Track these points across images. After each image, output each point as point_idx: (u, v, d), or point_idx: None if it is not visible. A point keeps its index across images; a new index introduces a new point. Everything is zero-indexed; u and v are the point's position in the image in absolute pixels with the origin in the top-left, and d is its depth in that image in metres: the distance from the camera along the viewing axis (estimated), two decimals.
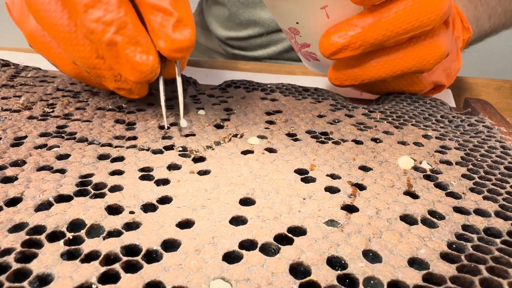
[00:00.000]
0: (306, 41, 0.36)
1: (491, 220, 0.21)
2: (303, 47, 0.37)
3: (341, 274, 0.17)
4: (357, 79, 0.35)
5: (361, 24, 0.31)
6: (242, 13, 0.65)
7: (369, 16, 0.31)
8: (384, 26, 0.30)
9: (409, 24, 0.30)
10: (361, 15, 0.31)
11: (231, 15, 0.66)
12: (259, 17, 0.64)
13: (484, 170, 0.26)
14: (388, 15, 0.30)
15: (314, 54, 0.37)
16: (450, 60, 0.38)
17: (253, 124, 0.32)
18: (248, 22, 0.66)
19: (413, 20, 0.30)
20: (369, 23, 0.30)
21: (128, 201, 0.22)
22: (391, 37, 0.31)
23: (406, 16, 0.30)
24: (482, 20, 0.47)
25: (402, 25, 0.30)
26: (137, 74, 0.27)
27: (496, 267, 0.18)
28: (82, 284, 0.16)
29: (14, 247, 0.18)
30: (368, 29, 0.31)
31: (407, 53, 0.33)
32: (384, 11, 0.30)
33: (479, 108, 0.36)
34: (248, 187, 0.23)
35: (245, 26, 0.67)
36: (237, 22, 0.66)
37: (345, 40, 0.31)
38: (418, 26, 0.30)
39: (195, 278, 0.17)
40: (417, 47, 0.32)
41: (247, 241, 0.19)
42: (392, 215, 0.21)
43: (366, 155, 0.27)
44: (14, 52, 0.56)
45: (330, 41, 0.32)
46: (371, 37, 0.31)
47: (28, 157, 0.25)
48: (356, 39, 0.31)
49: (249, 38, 0.67)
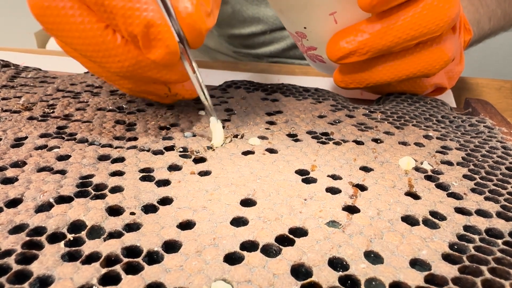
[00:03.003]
0: (312, 45, 0.36)
1: (492, 221, 0.21)
2: (309, 49, 0.37)
3: (343, 275, 0.17)
4: (363, 83, 0.35)
5: (369, 30, 0.31)
6: (246, 10, 0.65)
7: (377, 22, 0.30)
8: (393, 33, 0.30)
9: (417, 31, 0.30)
10: (369, 21, 0.31)
11: (234, 12, 0.66)
12: (263, 14, 0.64)
13: (485, 171, 0.26)
14: (397, 22, 0.30)
15: (321, 56, 0.37)
16: (453, 64, 0.38)
17: (254, 124, 0.32)
18: (251, 19, 0.65)
19: (422, 26, 0.30)
20: (377, 29, 0.30)
21: (128, 202, 0.21)
22: (399, 43, 0.30)
23: (415, 22, 0.29)
24: (482, 23, 0.47)
25: (411, 32, 0.30)
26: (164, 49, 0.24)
27: (498, 268, 0.18)
28: (83, 285, 0.16)
29: (15, 249, 0.18)
30: (376, 35, 0.30)
31: (413, 59, 0.32)
32: (393, 17, 0.30)
33: (480, 108, 0.36)
34: (249, 188, 0.23)
35: (248, 23, 0.66)
36: (241, 19, 0.66)
37: (353, 46, 0.31)
38: (427, 33, 0.30)
39: (196, 280, 0.17)
40: (423, 52, 0.32)
41: (248, 242, 0.19)
42: (393, 215, 0.21)
43: (367, 156, 0.27)
44: (14, 52, 0.56)
45: (338, 46, 0.32)
46: (379, 43, 0.31)
47: (29, 158, 0.25)
48: (364, 45, 0.31)
49: (252, 35, 0.67)
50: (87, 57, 0.26)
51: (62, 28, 0.25)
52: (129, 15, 0.23)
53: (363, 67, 0.34)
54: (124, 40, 0.25)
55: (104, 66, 0.26)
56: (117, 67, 0.25)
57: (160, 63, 0.25)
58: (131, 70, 0.26)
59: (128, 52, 0.25)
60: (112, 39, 0.24)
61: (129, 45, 0.25)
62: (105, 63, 0.25)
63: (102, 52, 0.25)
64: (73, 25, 0.24)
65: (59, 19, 0.24)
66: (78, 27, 0.24)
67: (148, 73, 0.26)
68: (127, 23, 0.23)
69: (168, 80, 0.27)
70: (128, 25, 0.23)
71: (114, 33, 0.24)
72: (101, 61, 0.25)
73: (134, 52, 0.25)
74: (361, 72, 0.34)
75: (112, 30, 0.24)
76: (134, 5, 0.23)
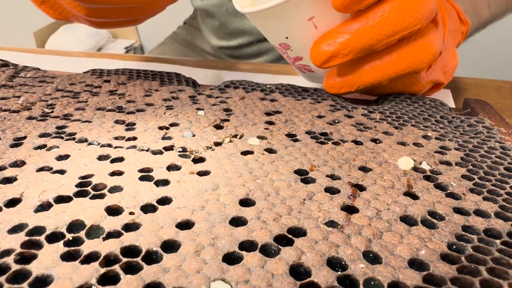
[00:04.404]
0: (298, 55, 0.36)
1: (491, 221, 0.21)
2: (296, 60, 0.37)
3: (342, 275, 0.17)
4: (353, 86, 0.35)
5: (348, 30, 0.31)
6: (231, 23, 0.67)
7: (355, 21, 0.31)
8: (372, 30, 0.30)
9: (396, 26, 0.30)
10: (347, 22, 0.31)
11: (221, 25, 0.68)
12: (248, 26, 0.66)
13: (484, 171, 0.26)
14: (375, 19, 0.30)
15: (308, 66, 0.37)
16: (447, 57, 0.38)
17: (253, 124, 0.32)
18: (237, 31, 0.67)
19: (400, 21, 0.30)
20: (356, 28, 0.31)
21: (127, 202, 0.22)
22: (379, 40, 0.31)
23: (392, 18, 0.30)
24: (481, 10, 0.47)
25: (390, 27, 0.30)
26: None
27: (496, 268, 0.18)
28: (82, 285, 0.16)
29: (14, 248, 0.18)
30: (356, 34, 0.31)
31: (399, 55, 0.33)
32: (370, 15, 0.30)
33: (479, 108, 0.36)
34: (248, 188, 0.23)
35: (235, 35, 0.68)
36: (227, 31, 0.68)
37: (334, 48, 0.31)
38: (406, 27, 0.30)
39: (195, 279, 0.17)
40: (408, 48, 0.32)
41: (247, 242, 0.19)
42: (392, 216, 0.21)
43: (366, 156, 0.27)
44: (13, 52, 0.56)
45: (320, 50, 0.32)
46: (360, 42, 0.31)
47: (28, 158, 0.25)
48: (345, 46, 0.31)
49: (240, 47, 0.69)
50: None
51: None
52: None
53: (350, 69, 0.34)
54: None
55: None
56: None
57: None
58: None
59: None
60: None
61: None
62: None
63: None
64: None
65: None
66: None
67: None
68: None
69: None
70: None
71: None
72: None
73: None
74: (349, 75, 0.34)
75: None
76: None
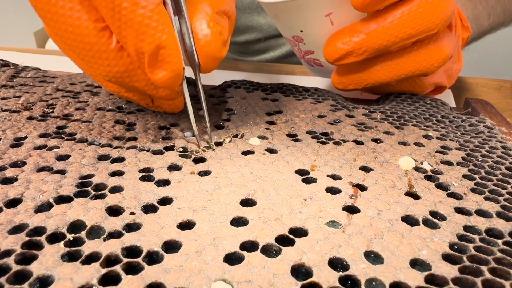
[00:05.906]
0: (310, 48, 0.36)
1: (492, 221, 0.21)
2: (306, 54, 0.37)
3: (343, 276, 0.17)
4: (361, 84, 0.35)
5: (365, 30, 0.31)
6: (239, 18, 0.66)
7: (373, 22, 0.30)
8: (389, 32, 0.30)
9: (413, 29, 0.30)
10: (365, 21, 0.31)
11: None
12: (256, 22, 0.65)
13: (485, 171, 0.26)
14: (393, 21, 0.30)
15: (318, 60, 0.37)
16: (451, 62, 0.38)
17: (254, 124, 0.32)
18: (245, 27, 0.66)
19: (418, 24, 0.30)
20: (373, 29, 0.30)
21: (128, 202, 0.21)
22: (395, 42, 0.30)
23: (410, 21, 0.29)
24: (481, 19, 0.47)
25: (407, 30, 0.30)
26: (169, 73, 0.24)
27: (498, 268, 0.18)
28: (82, 285, 0.16)
29: (14, 249, 0.18)
30: (372, 35, 0.30)
31: (411, 57, 0.32)
32: (388, 16, 0.30)
33: (480, 108, 0.36)
34: (249, 188, 0.23)
35: (242, 31, 0.67)
36: (235, 27, 0.67)
37: (349, 47, 0.31)
38: (423, 31, 0.30)
39: (196, 280, 0.17)
40: (421, 51, 0.32)
41: (248, 242, 0.19)
42: (393, 216, 0.21)
43: (367, 156, 0.27)
44: (13, 52, 0.56)
45: (334, 47, 0.32)
46: (375, 43, 0.31)
47: (28, 158, 0.25)
48: (360, 45, 0.31)
49: (247, 43, 0.68)
50: (76, 53, 0.25)
51: (56, 20, 0.24)
52: (144, 31, 0.22)
53: (361, 67, 0.34)
54: (118, 45, 0.24)
55: (91, 67, 0.25)
56: (105, 70, 0.25)
57: (161, 85, 0.24)
58: (118, 77, 0.25)
59: (120, 59, 0.24)
60: (107, 42, 0.24)
61: (122, 51, 0.24)
62: (93, 64, 0.25)
63: (92, 52, 0.24)
64: (69, 19, 0.23)
65: (55, 10, 0.23)
66: (73, 22, 0.23)
67: (135, 83, 0.26)
68: (138, 39, 0.22)
69: (155, 95, 0.27)
70: (139, 40, 0.22)
71: (110, 36, 0.24)
72: (89, 60, 0.25)
73: (126, 59, 0.24)
74: (359, 73, 0.34)
75: (109, 33, 0.24)
76: (151, 23, 0.22)
